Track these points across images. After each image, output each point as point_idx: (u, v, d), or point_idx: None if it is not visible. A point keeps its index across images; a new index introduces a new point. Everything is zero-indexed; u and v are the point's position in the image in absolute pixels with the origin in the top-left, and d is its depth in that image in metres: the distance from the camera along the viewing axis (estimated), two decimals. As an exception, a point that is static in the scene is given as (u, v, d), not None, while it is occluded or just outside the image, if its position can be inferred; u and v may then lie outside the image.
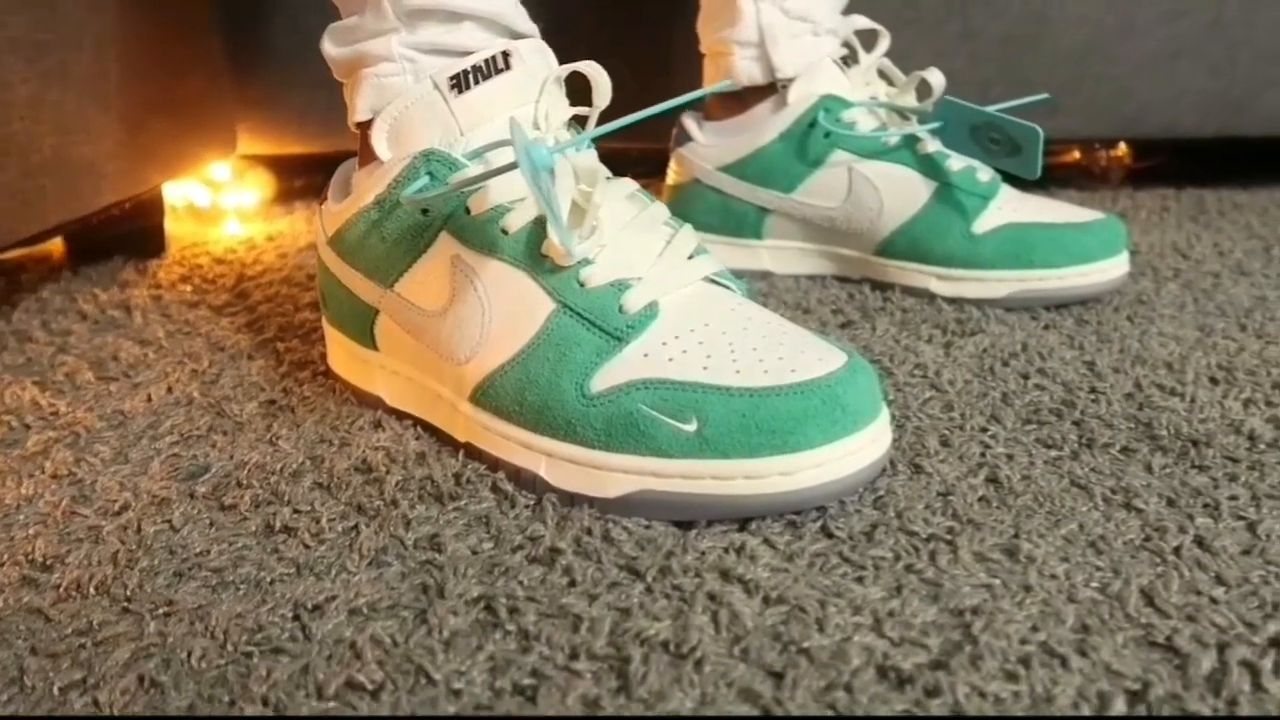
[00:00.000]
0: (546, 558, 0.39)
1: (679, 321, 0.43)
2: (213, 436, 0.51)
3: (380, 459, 0.47)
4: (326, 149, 0.97)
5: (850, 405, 0.40)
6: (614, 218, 0.46)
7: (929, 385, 0.55)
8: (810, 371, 0.40)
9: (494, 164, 0.46)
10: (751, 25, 0.72)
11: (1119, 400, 0.53)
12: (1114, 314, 0.67)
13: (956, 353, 0.60)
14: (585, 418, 0.42)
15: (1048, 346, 0.61)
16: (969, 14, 0.94)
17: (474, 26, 0.48)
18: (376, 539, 0.41)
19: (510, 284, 0.45)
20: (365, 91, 0.49)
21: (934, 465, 0.46)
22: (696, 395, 0.40)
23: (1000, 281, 0.68)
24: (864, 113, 0.72)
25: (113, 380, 0.59)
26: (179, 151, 0.80)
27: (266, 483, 0.46)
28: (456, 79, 0.47)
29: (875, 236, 0.72)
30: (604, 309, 0.43)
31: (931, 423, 0.51)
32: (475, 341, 0.46)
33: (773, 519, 0.41)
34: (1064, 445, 0.48)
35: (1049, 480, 0.45)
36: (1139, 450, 0.48)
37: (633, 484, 0.41)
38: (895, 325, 0.66)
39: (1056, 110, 0.97)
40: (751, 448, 0.40)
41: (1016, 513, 0.42)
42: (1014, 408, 0.53)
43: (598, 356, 0.43)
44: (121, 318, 0.70)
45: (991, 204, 0.69)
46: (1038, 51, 0.96)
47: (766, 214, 0.75)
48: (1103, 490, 0.44)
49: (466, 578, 0.38)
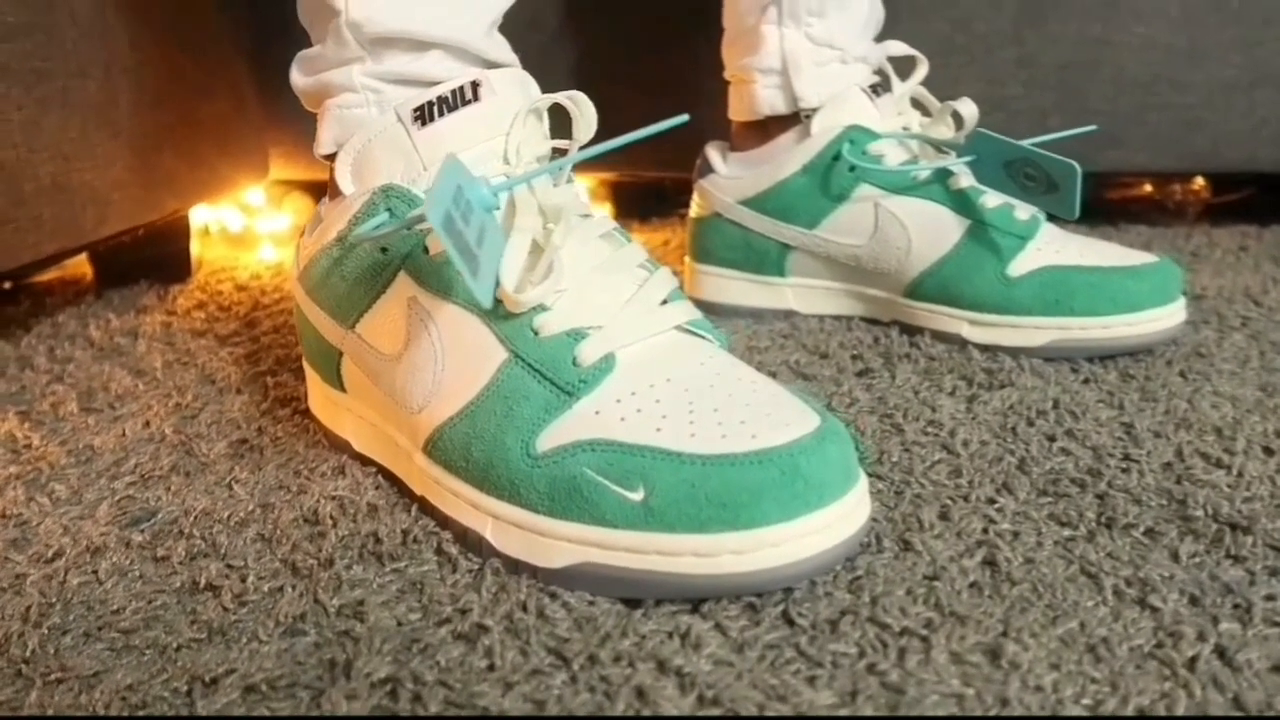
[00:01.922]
0: (472, 634, 0.36)
1: (638, 376, 0.40)
2: (172, 478, 0.49)
3: (330, 510, 0.44)
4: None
5: (814, 477, 0.36)
6: (580, 259, 0.43)
7: (940, 446, 0.50)
8: (772, 438, 0.36)
9: (456, 201, 0.43)
10: (774, 52, 0.68)
11: (1154, 471, 0.47)
12: (1165, 368, 0.61)
13: (979, 408, 0.55)
14: (529, 479, 0.39)
15: (1083, 404, 0.55)
16: (1024, 39, 0.88)
17: (442, 55, 0.45)
18: (299, 604, 0.38)
19: (464, 330, 0.42)
20: (329, 123, 0.46)
21: (926, 542, 0.41)
22: (645, 460, 0.37)
23: (1037, 329, 0.63)
24: (893, 145, 0.67)
25: (96, 412, 0.58)
26: (201, 177, 0.80)
27: (208, 533, 0.43)
28: (420, 110, 0.44)
29: (904, 277, 0.67)
30: (556, 360, 0.40)
31: (934, 490, 0.46)
32: (428, 390, 0.43)
33: (730, 599, 0.37)
34: (1080, 523, 0.43)
35: (1055, 566, 0.40)
36: (1166, 533, 0.42)
37: (576, 555, 0.38)
38: (918, 374, 0.61)
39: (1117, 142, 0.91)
40: (700, 522, 0.36)
41: (1010, 604, 0.37)
42: (1031, 476, 0.47)
43: (546, 412, 0.39)
44: (126, 345, 0.69)
45: (1029, 245, 0.64)
46: (1099, 79, 0.89)
47: (789, 251, 0.71)
48: (1116, 581, 0.38)
49: (380, 654, 0.35)
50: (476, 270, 0.34)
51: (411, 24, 0.44)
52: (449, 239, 0.32)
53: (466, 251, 0.33)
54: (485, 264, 0.35)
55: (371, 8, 0.44)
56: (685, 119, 0.39)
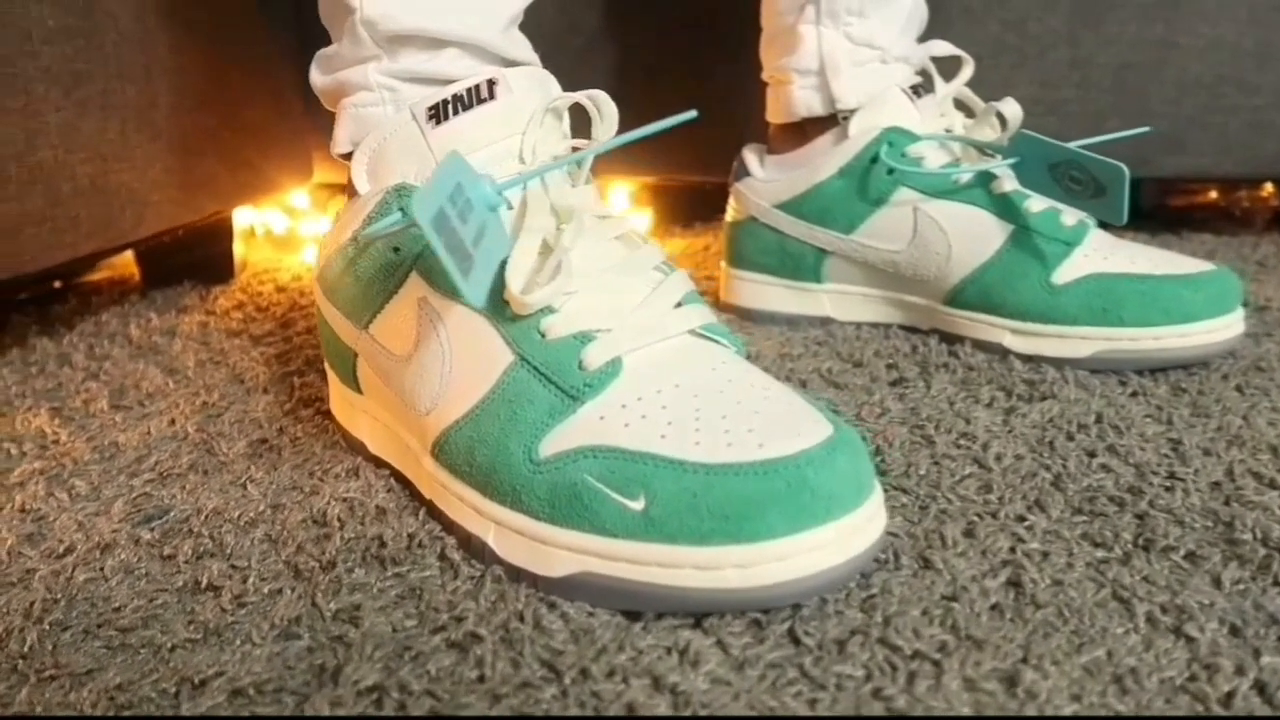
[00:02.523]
0: (465, 643, 0.35)
1: (645, 381, 0.38)
2: (189, 476, 0.49)
3: (338, 512, 0.44)
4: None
5: (822, 490, 0.34)
6: (592, 261, 0.42)
7: (971, 460, 0.48)
8: (780, 448, 0.35)
9: (469, 200, 0.42)
10: (812, 52, 0.66)
11: (1201, 490, 0.45)
12: (1221, 382, 0.58)
13: (1016, 421, 0.53)
14: (530, 485, 0.38)
15: (1128, 418, 0.53)
16: (1079, 39, 0.85)
17: (458, 53, 0.45)
18: (296, 606, 0.37)
19: (472, 331, 0.41)
20: (345, 122, 0.46)
21: (948, 560, 0.39)
22: (646, 468, 0.35)
23: (1084, 340, 0.60)
24: (933, 147, 0.65)
25: (125, 410, 0.58)
26: (242, 180, 0.81)
27: (216, 532, 0.43)
28: (435, 109, 0.43)
29: (944, 284, 0.65)
30: (562, 363, 0.39)
31: (961, 506, 0.44)
32: (435, 392, 0.42)
33: (735, 615, 0.36)
34: (1115, 544, 0.40)
35: (1084, 589, 0.37)
36: (1209, 558, 0.39)
37: (576, 564, 0.36)
38: (955, 385, 0.58)
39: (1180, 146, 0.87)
40: (702, 534, 0.34)
41: (1032, 629, 0.35)
42: (1066, 493, 0.45)
43: (550, 417, 0.38)
44: (163, 344, 0.70)
45: (1076, 251, 0.61)
46: (1160, 80, 0.86)
47: (825, 256, 0.69)
48: (1150, 607, 0.36)
49: (371, 661, 0.34)
50: (469, 270, 0.33)
51: (426, 21, 0.44)
52: (437, 237, 0.31)
53: (459, 250, 0.32)
54: (481, 264, 0.34)
55: (386, 5, 0.43)
56: (694, 115, 0.38)
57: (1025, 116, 0.88)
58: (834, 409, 0.48)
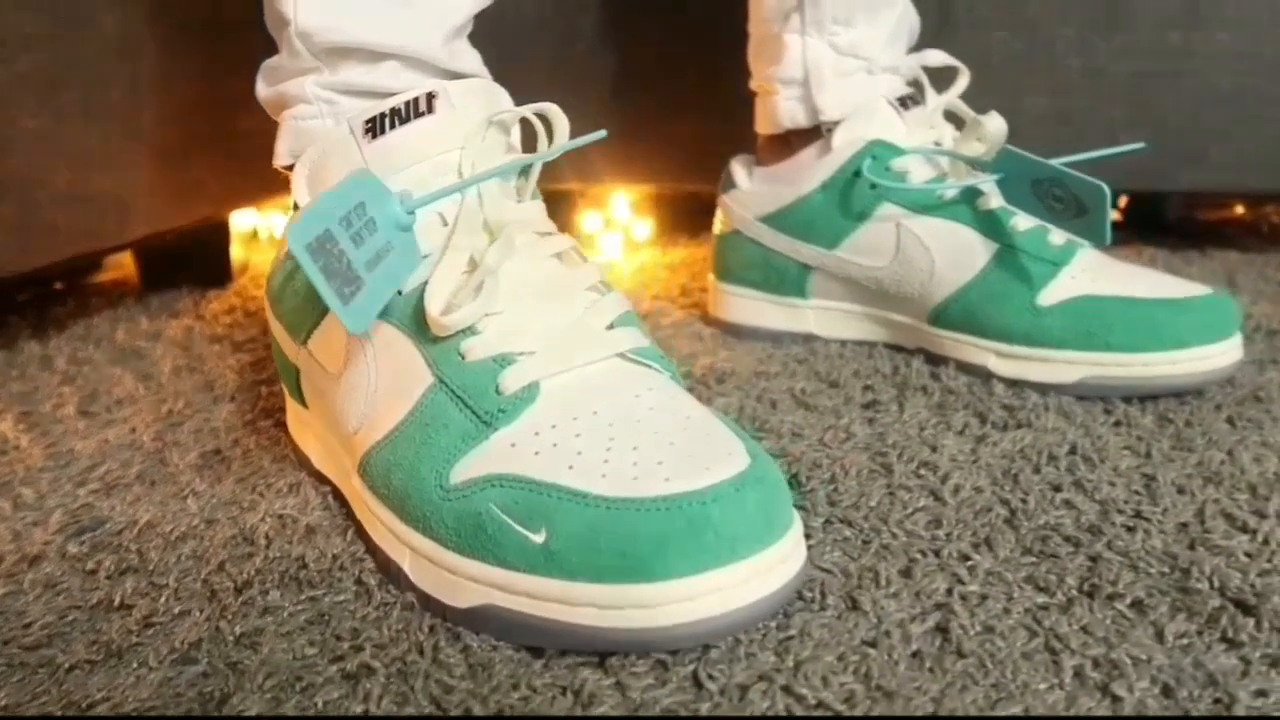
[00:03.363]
0: (359, 675, 0.34)
1: (562, 408, 0.37)
2: (134, 487, 0.49)
3: (267, 530, 0.43)
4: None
5: (726, 529, 0.32)
6: (523, 281, 0.41)
7: (927, 491, 0.46)
8: (686, 484, 0.33)
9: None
10: (796, 62, 0.65)
11: (1165, 532, 0.42)
12: (1212, 413, 0.55)
13: (985, 450, 0.50)
14: (439, 513, 0.37)
15: (1104, 450, 0.50)
16: (1093, 47, 0.82)
17: (397, 66, 0.44)
18: (200, 629, 0.37)
19: (397, 351, 0.41)
20: (285, 134, 0.46)
21: (878, 601, 0.37)
22: (550, 500, 0.34)
23: (1069, 364, 0.57)
24: (919, 161, 0.62)
25: (91, 416, 0.59)
26: (236, 184, 0.81)
27: (145, 547, 0.43)
28: (372, 123, 0.42)
29: (928, 302, 0.62)
30: (479, 387, 0.38)
31: (905, 542, 0.42)
32: (362, 412, 0.41)
33: (640, 655, 0.34)
34: (1059, 590, 0.38)
35: (1016, 638, 0.35)
36: (1157, 607, 0.37)
37: (481, 596, 0.35)
38: (930, 409, 0.56)
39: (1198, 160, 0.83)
40: (599, 571, 0.33)
41: (950, 681, 0.33)
42: (1019, 531, 0.43)
43: (463, 442, 0.37)
44: (146, 349, 0.71)
45: (1063, 272, 0.58)
46: (1178, 91, 0.82)
47: (810, 271, 0.67)
48: (1081, 661, 0.34)
49: (260, 691, 0.33)
50: (353, 295, 0.32)
51: (363, 34, 0.43)
52: (311, 261, 0.30)
53: (341, 275, 0.31)
54: (375, 288, 0.33)
55: (321, 17, 0.43)
56: (603, 135, 0.37)
57: (1035, 128, 0.85)
58: (756, 438, 0.47)
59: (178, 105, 0.71)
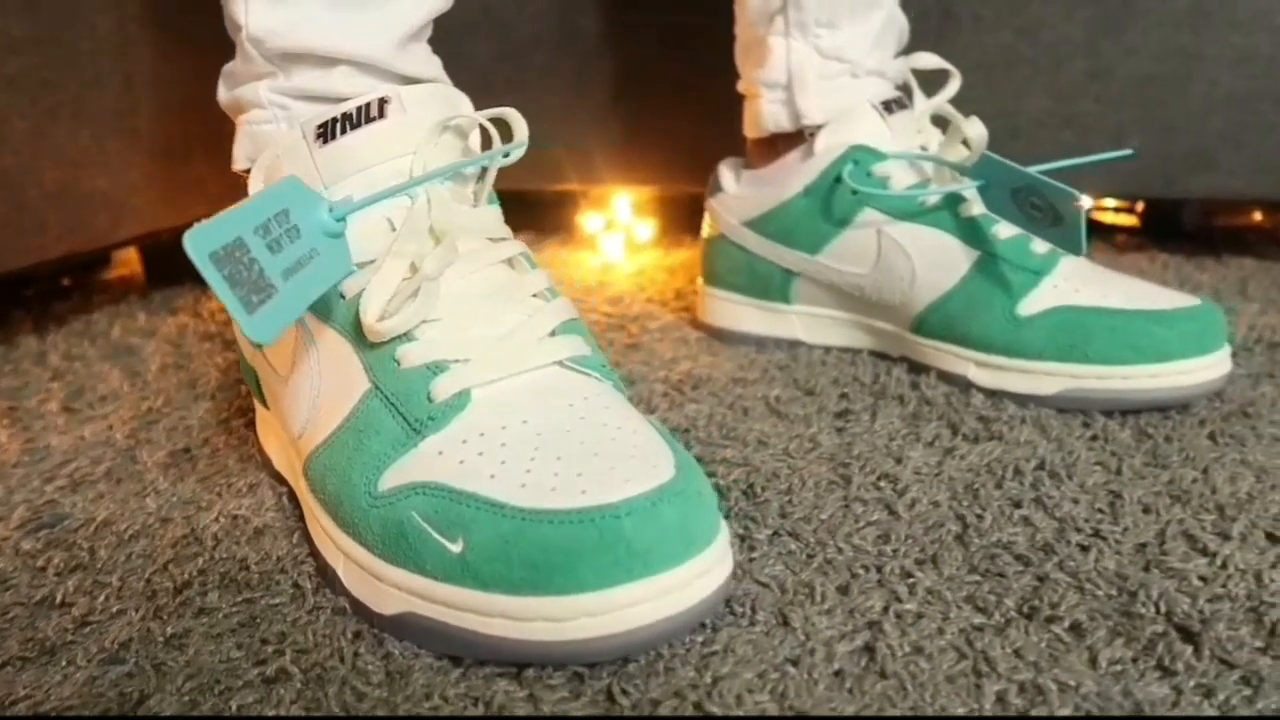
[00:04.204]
0: (277, 679, 0.34)
1: (492, 416, 0.37)
2: (100, 484, 0.50)
3: (216, 531, 0.44)
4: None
5: (639, 543, 0.32)
6: (465, 287, 0.41)
7: (882, 505, 0.45)
8: (602, 495, 0.33)
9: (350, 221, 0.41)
10: (780, 65, 0.64)
11: (1121, 553, 0.41)
12: (1195, 429, 0.53)
13: (951, 463, 0.50)
14: (367, 519, 0.37)
15: (1073, 466, 0.49)
16: (1098, 49, 0.80)
17: (349, 71, 0.44)
18: (132, 629, 0.37)
19: (339, 357, 0.41)
20: (241, 139, 0.46)
21: (810, 617, 0.37)
22: (468, 510, 0.34)
23: (1049, 376, 0.56)
24: (901, 167, 0.61)
25: (73, 413, 0.60)
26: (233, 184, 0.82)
27: (96, 544, 0.43)
28: (324, 128, 0.43)
29: (909, 310, 0.61)
30: (410, 394, 0.38)
31: (850, 557, 0.41)
32: (306, 416, 0.42)
33: (558, 667, 0.34)
34: (997, 611, 0.37)
35: (943, 660, 0.35)
36: (1094, 631, 0.36)
37: (403, 603, 0.35)
38: (903, 420, 0.55)
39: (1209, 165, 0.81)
40: (512, 583, 0.33)
41: (866, 703, 0.32)
42: (969, 548, 0.42)
43: (394, 449, 0.37)
44: (139, 345, 0.72)
45: (1044, 281, 0.57)
46: (1186, 94, 0.80)
47: (793, 276, 0.66)
48: (1005, 686, 0.33)
49: (178, 693, 0.34)
50: (260, 304, 0.32)
51: (314, 39, 0.43)
52: (215, 270, 0.30)
53: (251, 283, 0.32)
54: (288, 296, 0.33)
55: (271, 23, 0.43)
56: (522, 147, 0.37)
57: (1039, 132, 0.83)
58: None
59: (172, 106, 0.72)
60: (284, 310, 0.33)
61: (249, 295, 0.31)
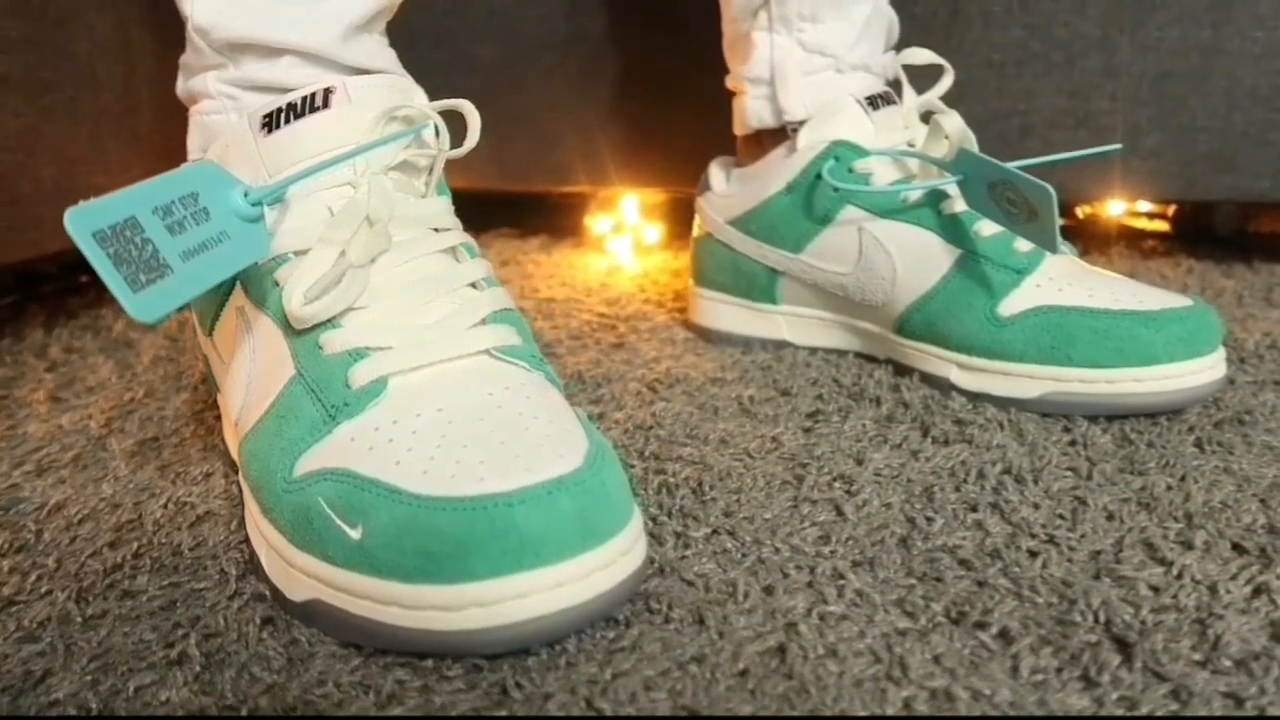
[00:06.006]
0: (179, 661, 0.34)
1: (407, 404, 0.37)
2: (61, 470, 0.51)
3: (160, 516, 0.44)
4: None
5: (532, 532, 0.31)
6: (397, 275, 0.40)
7: (831, 505, 0.44)
8: (499, 484, 0.32)
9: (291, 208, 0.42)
10: (763, 60, 0.63)
11: (1072, 561, 0.39)
12: (1183, 435, 0.51)
13: (915, 465, 0.48)
14: (281, 504, 0.37)
15: (1041, 471, 0.47)
16: (1114, 45, 0.77)
17: (295, 61, 0.44)
18: (54, 610, 0.37)
19: (271, 343, 0.41)
20: (192, 130, 0.47)
21: (726, 617, 0.36)
22: (369, 496, 0.34)
23: (1031, 379, 0.54)
24: (884, 163, 0.60)
25: (59, 402, 0.61)
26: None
27: (44, 528, 0.44)
28: (269, 118, 0.43)
29: (892, 310, 0.60)
30: (329, 380, 0.38)
31: (785, 557, 0.40)
32: (240, 403, 0.42)
33: (457, 658, 0.33)
34: (924, 615, 0.36)
35: (856, 664, 0.33)
36: (1022, 639, 0.34)
37: (311, 590, 0.35)
38: (874, 421, 0.54)
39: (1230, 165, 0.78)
40: (406, 570, 0.32)
41: (763, 705, 0.31)
42: (911, 551, 0.40)
43: (311, 434, 0.37)
44: (137, 339, 0.73)
45: (1026, 280, 0.55)
46: (1207, 92, 0.77)
47: (778, 276, 0.65)
48: (915, 692, 0.32)
49: (79, 673, 0.34)
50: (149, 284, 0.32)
51: (258, 29, 0.43)
52: (97, 247, 0.31)
53: (139, 263, 0.32)
54: (185, 278, 0.33)
55: (217, 13, 0.43)
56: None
57: (1052, 131, 0.81)
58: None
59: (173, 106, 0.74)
60: (174, 291, 0.33)
61: (136, 274, 0.32)
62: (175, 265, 0.33)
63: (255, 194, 0.38)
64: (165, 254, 0.33)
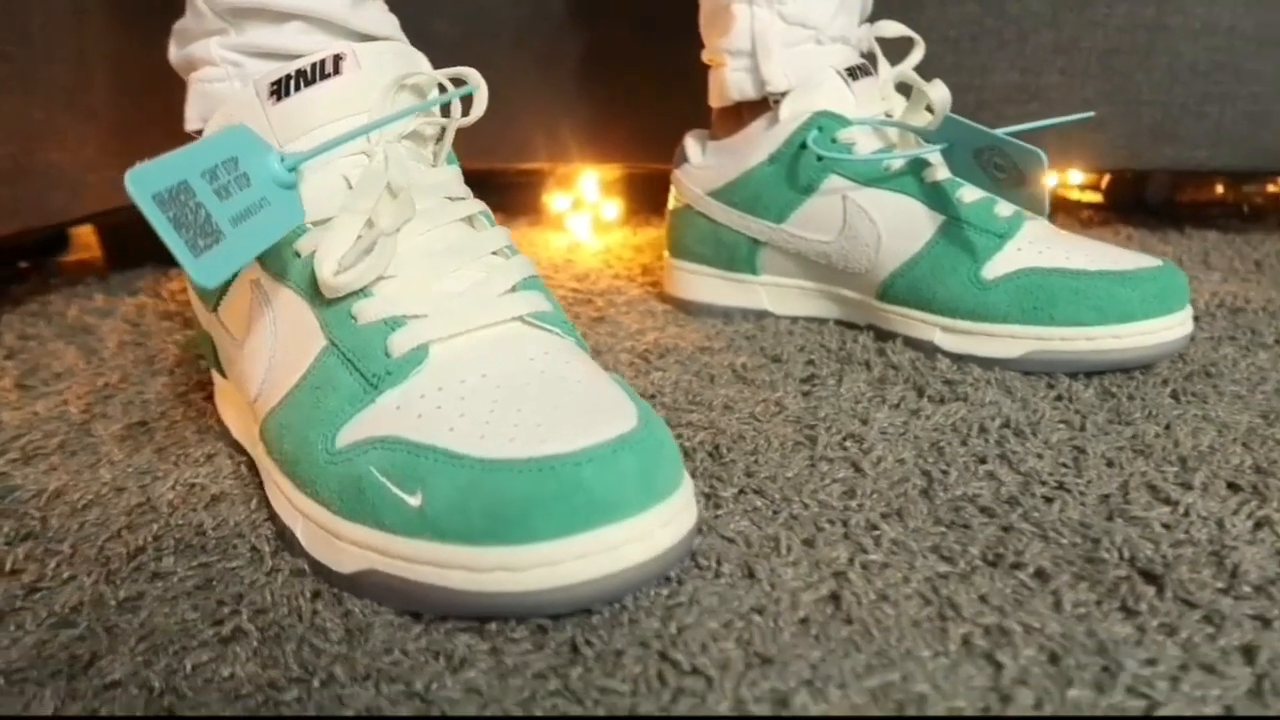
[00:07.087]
0: (233, 638, 0.33)
1: (450, 370, 0.36)
2: (51, 457, 0.49)
3: (172, 498, 0.43)
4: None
5: (598, 492, 0.32)
6: (423, 244, 0.40)
7: (848, 463, 0.45)
8: (562, 445, 0.32)
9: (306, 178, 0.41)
10: (744, 32, 0.64)
11: (1085, 504, 0.41)
12: (1158, 387, 0.54)
13: (917, 424, 0.49)
14: (324, 477, 0.36)
15: (1037, 424, 0.49)
16: (1063, 22, 0.80)
17: (303, 27, 0.43)
18: (84, 594, 0.36)
19: (295, 315, 0.40)
20: (193, 98, 0.45)
21: (775, 569, 0.37)
22: (426, 462, 0.33)
23: (1014, 339, 0.56)
24: (866, 133, 0.61)
25: (27, 389, 0.58)
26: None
27: (49, 514, 0.42)
28: (277, 85, 0.42)
29: (875, 277, 0.61)
30: (368, 349, 0.37)
31: (816, 512, 0.41)
32: (261, 378, 0.41)
33: (520, 620, 0.34)
34: (962, 559, 0.37)
35: (908, 606, 0.34)
36: (1058, 576, 0.36)
37: (362, 560, 0.35)
38: (868, 384, 0.55)
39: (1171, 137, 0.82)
40: (471, 533, 0.32)
41: (832, 648, 0.32)
42: (934, 501, 0.42)
43: (351, 405, 0.37)
44: (95, 325, 0.70)
45: (1008, 244, 0.57)
46: (1151, 67, 0.80)
47: (759, 246, 0.66)
48: (970, 629, 0.33)
49: (131, 654, 0.33)
50: (207, 249, 0.31)
51: (265, -7, 0.42)
52: (159, 211, 0.30)
53: (196, 227, 0.31)
54: (235, 243, 0.32)
55: (222, -23, 0.42)
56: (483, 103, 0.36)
57: (1005, 105, 0.84)
58: (687, 410, 0.45)
59: (130, 83, 0.71)
60: (231, 256, 0.32)
61: (195, 239, 0.31)
62: (227, 230, 0.32)
63: (291, 159, 0.37)
64: (217, 219, 0.32)
